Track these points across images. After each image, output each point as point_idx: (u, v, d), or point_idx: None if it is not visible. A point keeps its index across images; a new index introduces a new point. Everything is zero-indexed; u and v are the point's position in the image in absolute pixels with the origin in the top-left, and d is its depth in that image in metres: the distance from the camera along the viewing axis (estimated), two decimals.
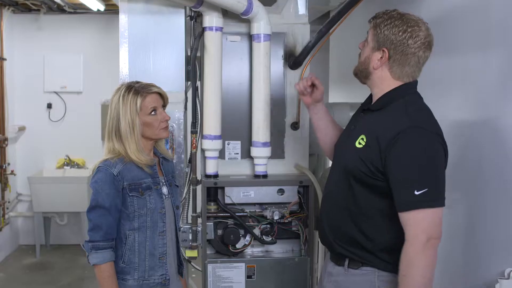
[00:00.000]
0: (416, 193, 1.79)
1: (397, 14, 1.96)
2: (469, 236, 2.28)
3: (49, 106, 6.49)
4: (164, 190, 2.40)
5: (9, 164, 6.32)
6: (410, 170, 1.82)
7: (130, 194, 2.27)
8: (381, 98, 2.01)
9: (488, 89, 2.15)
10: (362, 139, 1.97)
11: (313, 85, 2.36)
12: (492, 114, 2.12)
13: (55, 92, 6.49)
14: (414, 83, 2.02)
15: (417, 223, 1.81)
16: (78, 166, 6.50)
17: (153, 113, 2.31)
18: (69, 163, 6.48)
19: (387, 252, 1.97)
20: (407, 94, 1.99)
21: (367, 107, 2.08)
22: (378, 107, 2.01)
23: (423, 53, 1.94)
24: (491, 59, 2.13)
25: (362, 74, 2.06)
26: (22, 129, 6.47)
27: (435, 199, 1.82)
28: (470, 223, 2.29)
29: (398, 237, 1.89)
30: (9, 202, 6.40)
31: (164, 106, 2.40)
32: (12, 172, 6.34)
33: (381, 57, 1.96)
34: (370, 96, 2.14)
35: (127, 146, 2.27)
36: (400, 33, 1.91)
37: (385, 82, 1.99)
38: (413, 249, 1.82)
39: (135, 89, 2.28)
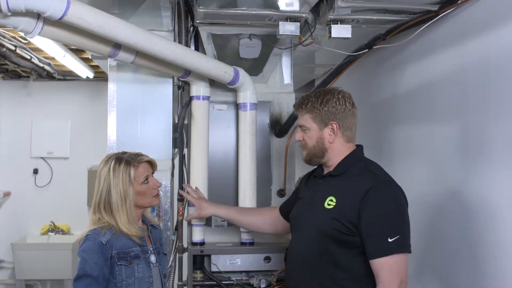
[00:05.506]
0: (390, 240, 1.93)
1: (320, 92, 2.18)
2: None
3: (35, 171, 6.46)
4: (152, 258, 2.37)
5: None
6: (384, 219, 1.96)
7: (118, 263, 2.22)
8: (341, 163, 2.15)
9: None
10: (331, 200, 2.09)
11: None
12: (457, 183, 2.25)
13: (42, 158, 6.48)
14: (361, 147, 2.22)
15: (391, 267, 1.93)
16: (63, 232, 6.40)
17: (145, 182, 2.32)
18: (54, 229, 6.40)
19: None
20: (361, 156, 2.19)
21: (327, 174, 2.20)
22: (340, 172, 2.15)
23: (353, 107, 2.16)
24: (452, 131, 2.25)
25: (317, 156, 2.19)
26: (7, 194, 6.40)
27: (404, 245, 1.97)
28: None
29: None
30: None
31: (153, 173, 2.41)
32: None
33: (331, 130, 2.13)
34: (320, 166, 2.27)
35: (118, 218, 2.24)
36: (337, 103, 2.11)
37: (342, 148, 2.15)
38: None
39: (126, 160, 2.28)
